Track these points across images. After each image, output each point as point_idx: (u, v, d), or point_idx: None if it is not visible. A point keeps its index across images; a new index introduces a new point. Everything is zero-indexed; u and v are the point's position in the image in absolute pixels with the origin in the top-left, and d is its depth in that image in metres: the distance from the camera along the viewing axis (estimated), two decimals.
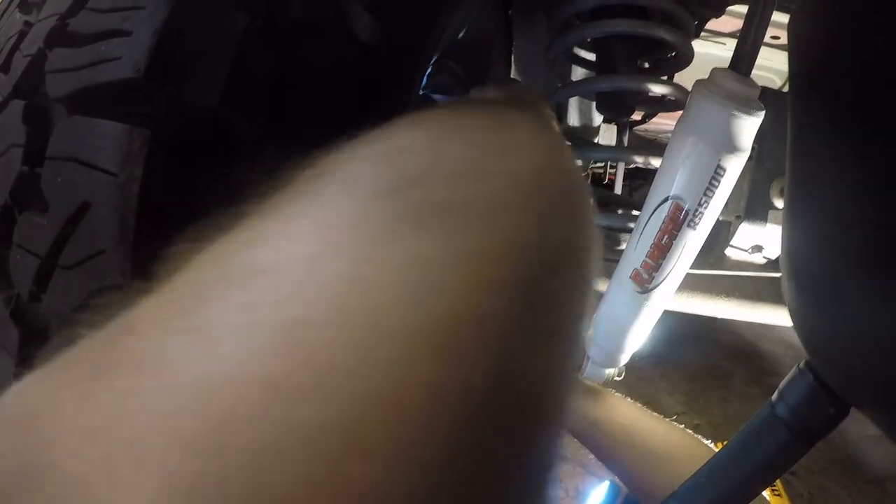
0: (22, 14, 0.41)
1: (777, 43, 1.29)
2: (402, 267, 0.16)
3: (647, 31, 0.71)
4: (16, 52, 0.39)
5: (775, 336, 2.38)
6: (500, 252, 0.18)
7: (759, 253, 0.96)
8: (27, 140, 0.35)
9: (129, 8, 0.34)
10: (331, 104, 0.40)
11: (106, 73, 0.34)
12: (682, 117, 0.57)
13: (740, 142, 0.53)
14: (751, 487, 0.41)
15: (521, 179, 0.22)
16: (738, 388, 2.08)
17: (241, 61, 0.35)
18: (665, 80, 0.76)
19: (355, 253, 0.16)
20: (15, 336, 0.37)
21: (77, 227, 0.33)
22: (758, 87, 0.54)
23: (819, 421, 0.37)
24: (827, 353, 0.37)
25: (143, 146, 0.32)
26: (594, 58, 0.85)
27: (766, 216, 0.91)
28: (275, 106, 0.37)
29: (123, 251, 0.33)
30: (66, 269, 0.34)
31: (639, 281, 0.61)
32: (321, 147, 0.24)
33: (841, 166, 0.34)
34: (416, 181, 0.20)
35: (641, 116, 1.11)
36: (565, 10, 0.76)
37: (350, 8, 0.40)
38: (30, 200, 0.35)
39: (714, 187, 0.55)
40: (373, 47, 0.42)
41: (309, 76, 0.39)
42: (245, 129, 0.36)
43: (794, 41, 0.42)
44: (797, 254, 0.39)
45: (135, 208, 0.33)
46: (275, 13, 0.37)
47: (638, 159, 0.82)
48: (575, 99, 1.05)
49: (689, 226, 0.57)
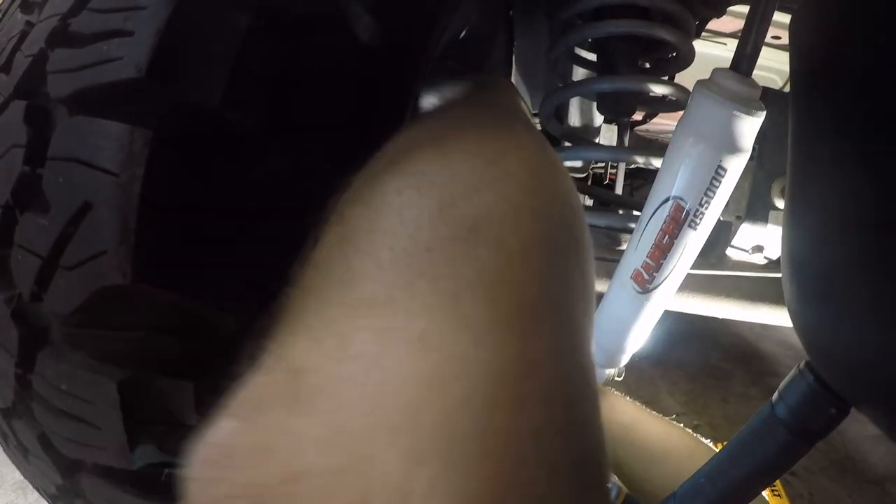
0: (23, 14, 0.41)
1: (778, 43, 1.29)
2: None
3: (649, 32, 0.71)
4: (17, 52, 0.39)
5: (775, 336, 2.38)
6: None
7: (760, 253, 0.96)
8: (28, 140, 0.35)
9: (131, 8, 0.34)
10: (331, 104, 0.40)
11: (108, 73, 0.34)
12: (682, 117, 0.57)
13: (741, 142, 0.53)
14: (750, 488, 0.41)
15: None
16: (738, 388, 2.08)
17: (242, 61, 0.35)
18: (666, 80, 0.76)
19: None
20: (16, 336, 0.37)
21: (78, 227, 0.33)
22: (759, 87, 0.54)
23: (819, 421, 0.37)
24: (827, 353, 0.37)
25: (144, 146, 0.32)
26: (595, 58, 0.85)
27: (767, 216, 0.91)
28: (276, 105, 0.37)
29: (125, 251, 0.33)
30: (67, 270, 0.34)
31: (639, 281, 0.61)
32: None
33: (842, 166, 0.34)
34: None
35: (642, 116, 1.12)
36: (567, 11, 0.76)
37: (350, 8, 0.40)
38: (31, 201, 0.35)
39: (715, 187, 0.55)
40: (373, 47, 0.42)
41: (310, 76, 0.39)
42: (247, 129, 0.36)
43: (796, 41, 0.42)
44: (798, 254, 0.39)
45: (136, 208, 0.33)
46: (276, 13, 0.37)
47: (639, 159, 0.82)
48: (576, 99, 1.05)
49: (689, 226, 0.57)
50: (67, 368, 0.35)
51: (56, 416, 0.37)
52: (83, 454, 0.38)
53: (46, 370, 0.36)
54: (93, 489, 0.39)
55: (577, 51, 0.87)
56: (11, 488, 1.38)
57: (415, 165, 0.26)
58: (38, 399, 0.38)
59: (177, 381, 0.36)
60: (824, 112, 0.37)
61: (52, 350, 0.36)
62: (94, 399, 0.35)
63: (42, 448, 0.40)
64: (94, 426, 0.36)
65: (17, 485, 1.38)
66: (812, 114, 0.39)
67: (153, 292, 0.34)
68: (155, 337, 0.35)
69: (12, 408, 0.40)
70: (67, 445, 0.38)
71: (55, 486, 0.42)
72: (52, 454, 0.40)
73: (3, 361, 0.38)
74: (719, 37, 1.34)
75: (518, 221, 0.24)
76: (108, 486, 0.38)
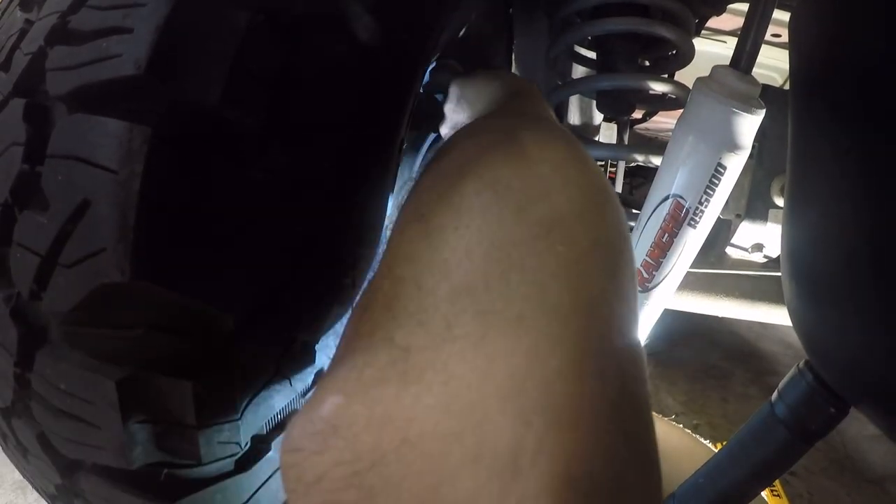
0: (23, 12, 0.41)
1: (778, 41, 1.29)
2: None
3: (648, 29, 0.70)
4: (16, 50, 0.39)
5: (775, 335, 2.38)
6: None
7: (760, 252, 0.96)
8: (27, 138, 0.35)
9: (130, 5, 0.34)
10: (331, 103, 0.40)
11: (107, 70, 0.33)
12: (682, 115, 0.57)
13: (741, 140, 0.53)
14: (750, 487, 0.41)
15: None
16: (737, 387, 2.08)
17: (242, 59, 0.35)
18: (666, 78, 0.76)
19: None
20: (15, 335, 0.37)
21: (77, 225, 0.33)
22: (759, 85, 0.54)
23: (818, 421, 0.37)
24: (826, 352, 0.37)
25: (143, 144, 0.32)
26: (595, 56, 0.85)
27: (767, 215, 0.91)
28: (276, 103, 0.37)
29: (124, 249, 0.33)
30: (66, 268, 0.34)
31: (639, 280, 0.61)
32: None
33: (841, 164, 0.34)
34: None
35: (642, 115, 1.11)
36: (566, 9, 0.76)
37: (350, 8, 0.40)
38: (30, 199, 0.35)
39: (715, 186, 0.55)
40: (373, 47, 0.42)
41: (310, 75, 0.39)
42: (246, 128, 0.36)
43: (795, 39, 0.42)
44: (797, 253, 0.39)
45: (135, 206, 0.33)
46: (276, 10, 0.37)
47: (638, 157, 0.82)
48: (575, 97, 1.05)
49: (689, 224, 0.57)
50: (66, 367, 0.35)
51: (55, 416, 0.37)
52: (82, 454, 0.38)
53: (45, 369, 0.36)
54: (92, 489, 0.39)
55: (576, 49, 0.87)
56: (11, 488, 1.37)
57: (488, 171, 0.30)
58: (37, 398, 0.38)
59: (176, 379, 0.35)
60: (824, 110, 0.37)
61: (51, 349, 0.36)
62: (93, 398, 0.35)
63: (41, 447, 0.40)
64: (93, 425, 0.36)
65: (16, 484, 1.38)
66: (811, 111, 0.39)
67: (152, 290, 0.34)
68: (154, 335, 0.35)
69: (11, 407, 0.40)
70: (66, 445, 0.38)
71: (54, 486, 0.42)
72: (51, 454, 0.40)
73: (2, 360, 0.38)
74: (719, 34, 1.34)
75: (584, 223, 0.28)
76: (108, 485, 0.38)
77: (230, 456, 0.40)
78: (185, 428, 0.36)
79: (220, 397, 0.38)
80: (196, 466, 0.39)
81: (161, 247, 0.34)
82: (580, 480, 0.19)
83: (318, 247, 0.42)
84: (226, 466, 0.41)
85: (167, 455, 0.37)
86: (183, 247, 0.35)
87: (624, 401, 0.22)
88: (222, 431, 0.39)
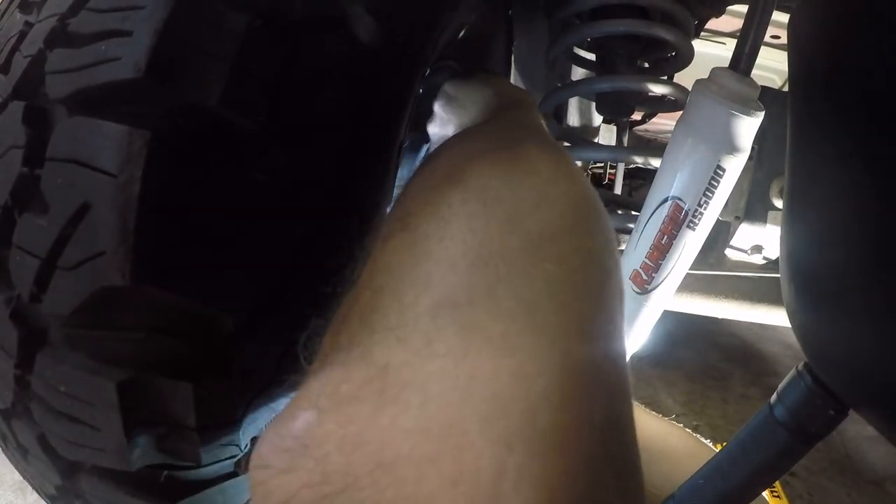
0: (22, 14, 0.41)
1: (777, 42, 1.29)
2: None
3: (648, 31, 0.70)
4: (16, 52, 0.39)
5: (775, 337, 2.38)
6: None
7: (759, 253, 0.96)
8: (27, 141, 0.35)
9: (129, 8, 0.34)
10: (331, 104, 0.40)
11: (106, 73, 0.33)
12: (681, 117, 0.57)
13: (740, 142, 0.53)
14: (750, 489, 0.41)
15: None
16: (737, 389, 2.08)
17: (241, 61, 0.35)
18: (665, 79, 0.76)
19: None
20: (15, 336, 0.37)
21: (77, 228, 0.33)
22: (758, 86, 0.54)
23: (818, 422, 0.37)
24: (826, 354, 0.37)
25: (143, 147, 0.32)
26: (594, 58, 0.85)
27: (766, 216, 0.91)
28: (276, 106, 0.37)
29: (123, 252, 0.33)
30: (66, 271, 0.34)
31: (638, 282, 0.61)
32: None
33: (841, 166, 0.34)
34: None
35: (641, 116, 1.11)
36: (565, 10, 0.76)
37: (350, 9, 0.40)
38: (30, 201, 0.35)
39: (714, 187, 0.55)
40: (373, 48, 0.42)
41: (309, 76, 0.39)
42: (246, 129, 0.36)
43: (795, 40, 0.42)
44: (797, 254, 0.39)
45: (135, 209, 0.33)
46: (275, 13, 0.37)
47: (637, 159, 0.82)
48: (575, 99, 1.05)
49: (688, 226, 0.57)
50: (67, 369, 0.35)
51: (55, 418, 0.37)
52: (82, 455, 0.38)
53: (46, 371, 0.36)
54: (92, 490, 0.39)
55: (575, 50, 0.87)
56: (10, 489, 1.37)
57: (476, 180, 0.29)
58: (37, 400, 0.38)
59: (176, 381, 0.35)
60: (823, 111, 0.37)
61: (51, 351, 0.36)
62: (94, 400, 0.35)
63: (41, 449, 0.40)
64: (94, 427, 0.36)
65: (16, 485, 1.38)
66: (811, 113, 0.39)
67: (152, 293, 0.34)
68: (154, 338, 0.35)
69: (11, 409, 0.40)
70: (66, 447, 0.38)
71: (54, 487, 0.42)
72: (51, 455, 0.40)
73: (3, 362, 0.38)
74: (718, 36, 1.34)
75: (574, 239, 0.27)
76: (108, 487, 0.38)
77: (230, 458, 0.40)
78: (186, 430, 0.36)
79: (221, 399, 0.38)
80: (196, 468, 0.39)
81: (161, 249, 0.34)
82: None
83: (318, 247, 0.42)
84: (225, 468, 0.41)
85: (167, 457, 0.37)
86: (182, 249, 0.35)
87: (610, 425, 0.22)
88: (222, 433, 0.39)
